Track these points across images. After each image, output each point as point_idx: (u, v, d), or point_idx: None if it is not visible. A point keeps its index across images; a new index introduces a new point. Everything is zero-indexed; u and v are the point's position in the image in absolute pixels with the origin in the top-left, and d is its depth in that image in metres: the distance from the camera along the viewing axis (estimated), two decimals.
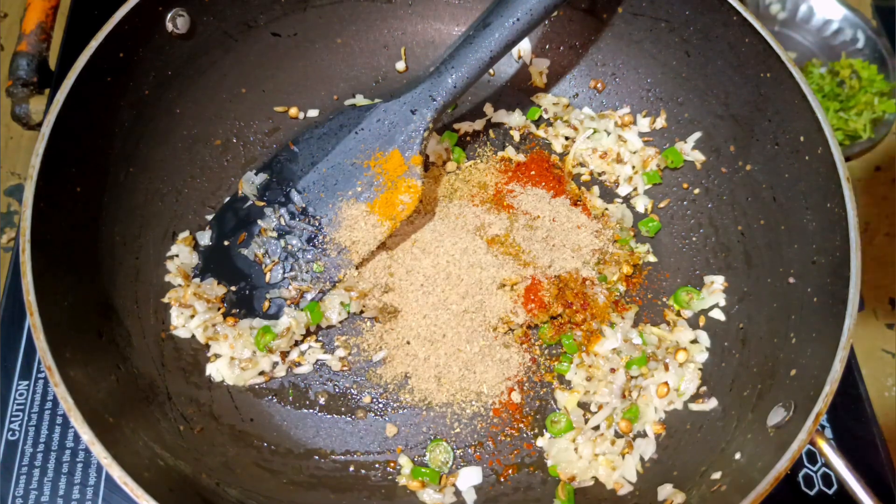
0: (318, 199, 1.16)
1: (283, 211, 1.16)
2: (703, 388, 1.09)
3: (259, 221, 1.16)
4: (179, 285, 1.12)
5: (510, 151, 1.30)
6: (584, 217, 1.21)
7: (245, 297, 1.14)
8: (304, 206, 1.15)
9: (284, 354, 1.11)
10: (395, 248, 1.17)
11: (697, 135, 1.26)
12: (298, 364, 1.12)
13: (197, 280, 1.13)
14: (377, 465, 1.05)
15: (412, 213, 1.18)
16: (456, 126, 1.33)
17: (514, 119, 1.34)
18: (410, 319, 1.12)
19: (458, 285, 1.13)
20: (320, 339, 1.15)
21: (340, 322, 1.15)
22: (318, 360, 1.13)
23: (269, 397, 1.10)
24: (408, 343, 1.12)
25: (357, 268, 1.14)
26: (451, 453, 1.07)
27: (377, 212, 1.12)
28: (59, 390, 0.84)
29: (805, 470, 1.13)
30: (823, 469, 1.13)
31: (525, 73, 1.38)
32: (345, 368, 1.12)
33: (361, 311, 1.14)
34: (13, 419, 1.09)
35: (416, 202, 1.12)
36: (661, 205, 1.27)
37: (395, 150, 1.12)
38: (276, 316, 1.12)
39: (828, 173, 1.01)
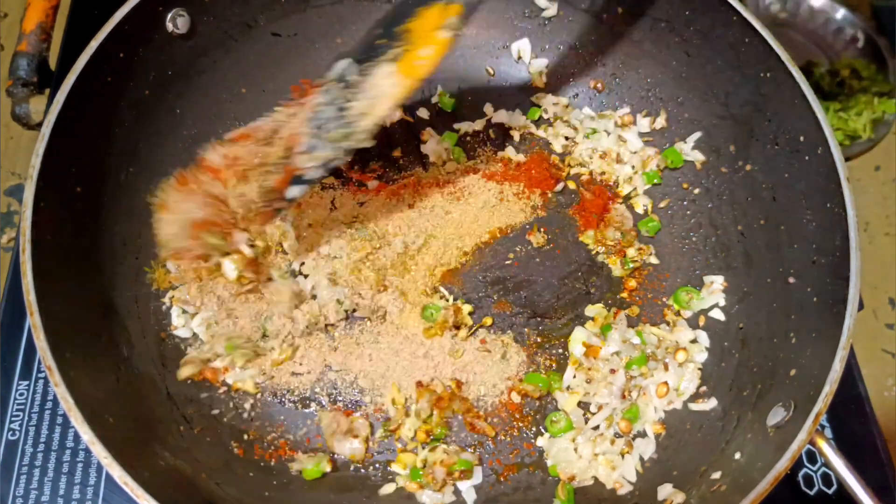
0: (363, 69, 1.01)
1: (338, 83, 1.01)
2: (703, 388, 1.09)
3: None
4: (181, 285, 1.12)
5: (510, 151, 1.30)
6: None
7: None
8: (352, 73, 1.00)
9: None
10: (390, 245, 1.17)
11: (697, 135, 1.26)
12: (299, 364, 1.12)
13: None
14: (377, 466, 1.05)
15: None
16: (456, 126, 1.33)
17: (514, 119, 1.34)
18: (406, 318, 1.12)
19: None
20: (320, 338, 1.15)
21: (338, 321, 1.15)
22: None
23: (270, 397, 1.10)
24: (406, 341, 1.12)
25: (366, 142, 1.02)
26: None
27: (401, 70, 0.99)
28: (60, 390, 0.84)
29: (805, 470, 1.13)
30: (823, 469, 1.13)
31: (525, 73, 1.38)
32: (344, 368, 1.12)
33: (354, 310, 1.14)
34: (13, 419, 1.09)
35: (439, 55, 0.99)
36: (661, 205, 1.27)
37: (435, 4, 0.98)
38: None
39: (828, 173, 1.01)
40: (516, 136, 1.33)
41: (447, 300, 1.16)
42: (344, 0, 1.31)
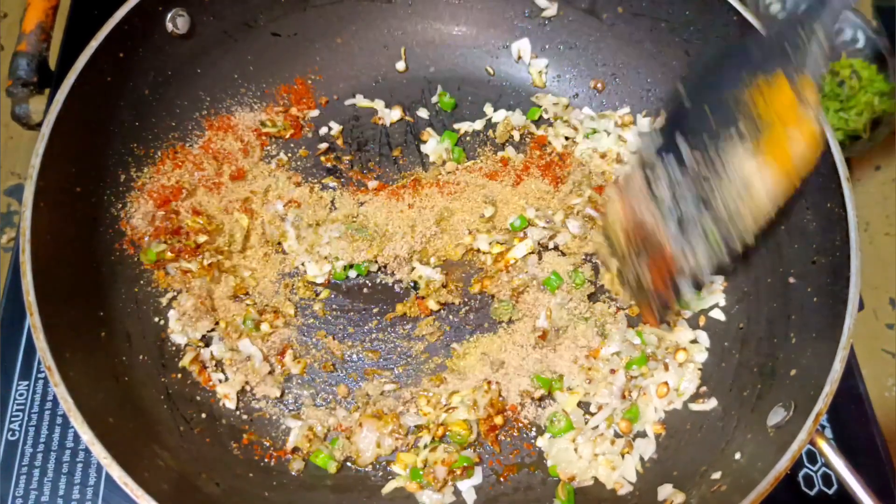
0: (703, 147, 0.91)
1: (671, 161, 0.92)
2: (703, 388, 1.09)
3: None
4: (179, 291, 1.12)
5: (510, 151, 1.30)
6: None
7: None
8: (691, 155, 0.91)
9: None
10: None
11: None
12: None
13: None
14: (377, 466, 1.05)
15: None
16: (456, 126, 1.33)
17: (515, 119, 1.33)
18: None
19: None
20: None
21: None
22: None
23: (270, 398, 1.09)
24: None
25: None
26: None
27: (767, 160, 0.87)
28: (59, 390, 0.84)
29: (805, 470, 1.13)
30: (823, 469, 1.12)
31: (525, 73, 1.38)
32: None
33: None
34: (13, 419, 1.09)
35: (816, 152, 0.87)
36: None
37: (778, 73, 0.86)
38: None
39: (828, 173, 1.01)
40: (516, 136, 1.33)
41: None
42: (343, 0, 1.31)
